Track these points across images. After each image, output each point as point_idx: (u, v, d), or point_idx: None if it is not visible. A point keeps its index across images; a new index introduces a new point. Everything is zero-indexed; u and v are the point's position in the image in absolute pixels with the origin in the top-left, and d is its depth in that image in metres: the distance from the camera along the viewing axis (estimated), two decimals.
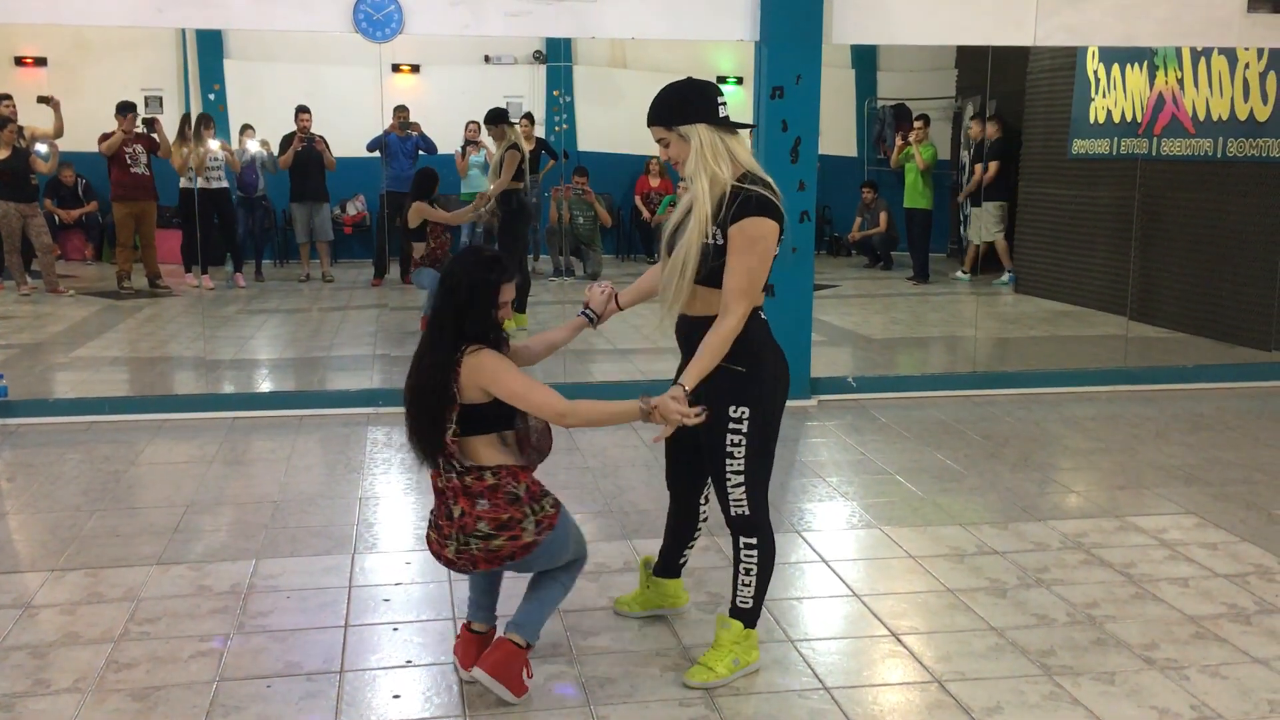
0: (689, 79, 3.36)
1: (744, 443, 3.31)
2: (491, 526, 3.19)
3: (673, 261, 3.29)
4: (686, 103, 3.27)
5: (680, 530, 3.79)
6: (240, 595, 4.06)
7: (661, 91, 3.33)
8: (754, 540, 3.42)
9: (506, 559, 3.23)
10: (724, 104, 3.28)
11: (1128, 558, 4.48)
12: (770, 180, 3.28)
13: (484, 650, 3.43)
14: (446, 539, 3.27)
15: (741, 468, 3.33)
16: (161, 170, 10.89)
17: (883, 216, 13.26)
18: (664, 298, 3.37)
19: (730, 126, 3.28)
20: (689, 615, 3.90)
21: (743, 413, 3.29)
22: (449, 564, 3.31)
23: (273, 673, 3.49)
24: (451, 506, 3.24)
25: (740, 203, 3.19)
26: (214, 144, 11.09)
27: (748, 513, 3.38)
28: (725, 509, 3.41)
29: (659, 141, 3.32)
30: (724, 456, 3.33)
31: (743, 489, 3.35)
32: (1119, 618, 3.92)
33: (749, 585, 3.45)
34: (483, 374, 3.17)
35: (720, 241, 3.21)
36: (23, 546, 4.59)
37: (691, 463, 3.60)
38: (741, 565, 3.45)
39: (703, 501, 3.72)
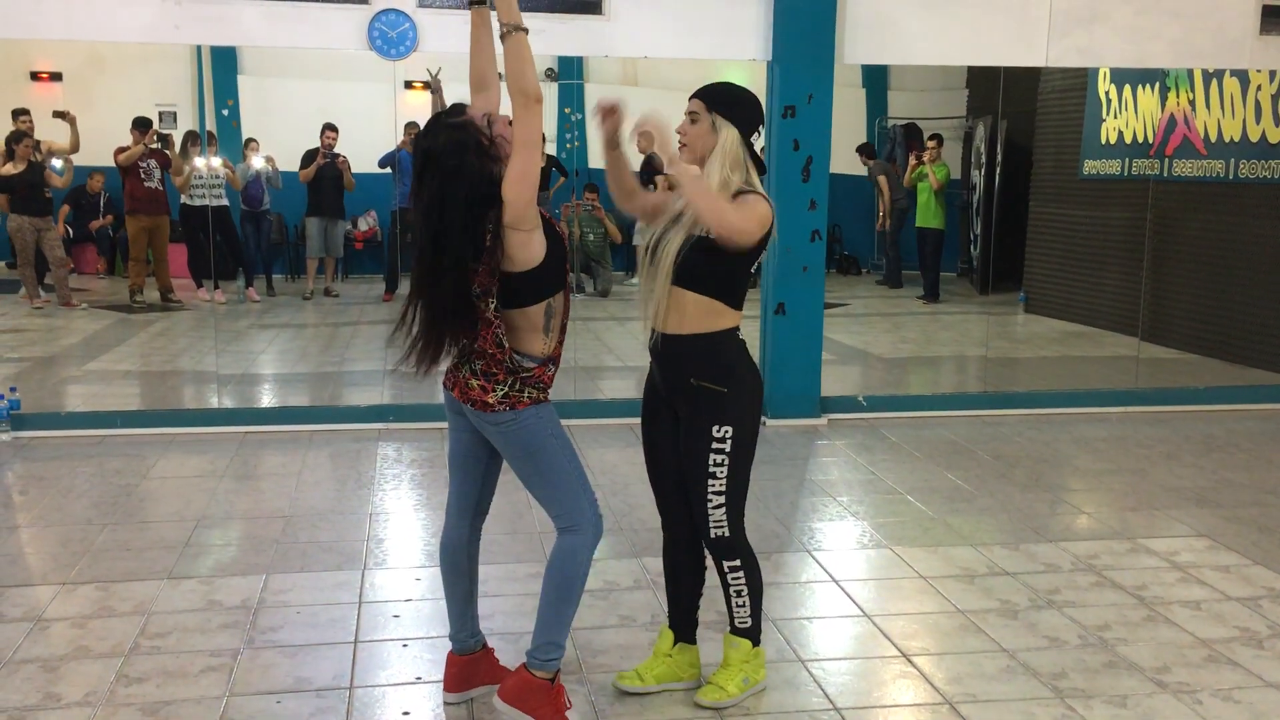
0: (754, 94, 3.36)
1: (726, 462, 3.28)
2: (482, 368, 3.13)
3: (657, 261, 3.25)
4: (739, 104, 3.29)
5: (678, 565, 3.54)
6: (250, 610, 4.07)
7: (724, 82, 3.34)
8: (737, 562, 3.38)
9: (469, 402, 3.15)
10: (758, 136, 3.32)
11: (1139, 580, 4.46)
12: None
13: (467, 673, 3.42)
14: (459, 354, 3.22)
15: (723, 488, 3.29)
16: (172, 185, 10.97)
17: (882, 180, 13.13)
18: (644, 303, 3.30)
19: (753, 152, 3.29)
20: (698, 634, 3.88)
21: (726, 432, 3.26)
22: (445, 375, 3.25)
23: (282, 688, 3.49)
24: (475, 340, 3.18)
25: (738, 192, 3.22)
26: (216, 161, 11.14)
27: (727, 534, 3.34)
28: (705, 531, 3.35)
29: (690, 114, 3.29)
30: (706, 477, 3.29)
31: (723, 510, 3.31)
32: (1131, 640, 3.90)
33: (743, 606, 3.43)
34: (512, 181, 2.98)
35: (710, 235, 3.17)
36: (34, 560, 4.60)
37: (679, 488, 3.44)
38: (731, 589, 3.41)
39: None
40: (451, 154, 3.01)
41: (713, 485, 3.30)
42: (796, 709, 3.42)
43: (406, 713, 3.37)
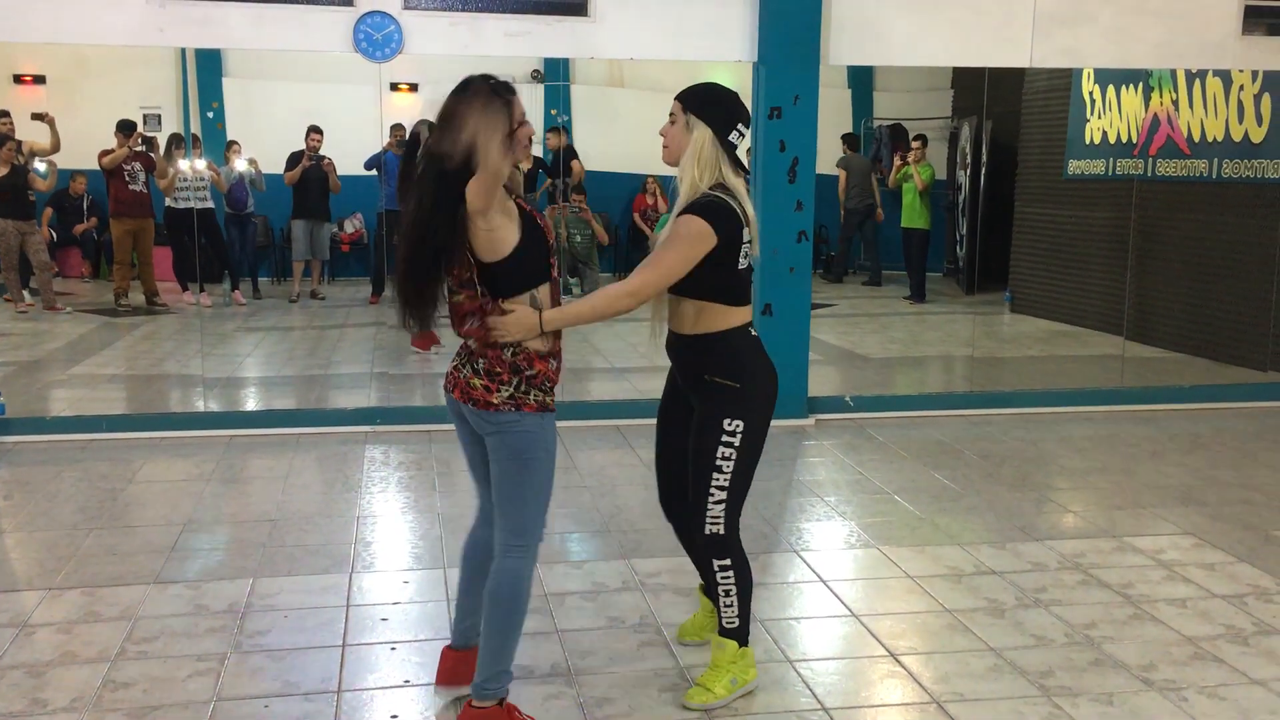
0: (735, 94, 3.37)
1: (734, 457, 3.30)
2: (485, 367, 3.12)
3: None
4: (713, 103, 3.31)
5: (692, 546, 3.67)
6: (238, 614, 4.06)
7: (706, 82, 3.38)
8: (727, 561, 3.39)
9: (470, 402, 3.13)
10: (741, 135, 3.32)
11: (1125, 578, 4.48)
12: (741, 198, 3.28)
13: (461, 669, 3.41)
14: (457, 356, 3.23)
15: (726, 483, 3.32)
16: (156, 188, 10.93)
17: (842, 177, 13.18)
18: (652, 303, 3.41)
19: (732, 152, 3.30)
20: (700, 636, 3.89)
21: (736, 426, 3.29)
22: (446, 379, 3.26)
23: (270, 692, 3.48)
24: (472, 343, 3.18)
25: (688, 204, 3.24)
26: (200, 164, 11.10)
27: (722, 532, 3.36)
28: (699, 527, 3.37)
29: (670, 115, 3.34)
30: (711, 470, 3.31)
31: (722, 506, 3.33)
32: (1117, 638, 3.92)
33: (731, 606, 3.43)
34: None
35: None
36: (20, 565, 4.58)
37: (683, 484, 3.53)
38: (720, 588, 3.42)
39: None
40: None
41: (717, 480, 3.32)
42: (784, 709, 3.42)
43: (395, 716, 3.37)
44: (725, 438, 3.29)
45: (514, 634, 3.19)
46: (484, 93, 2.99)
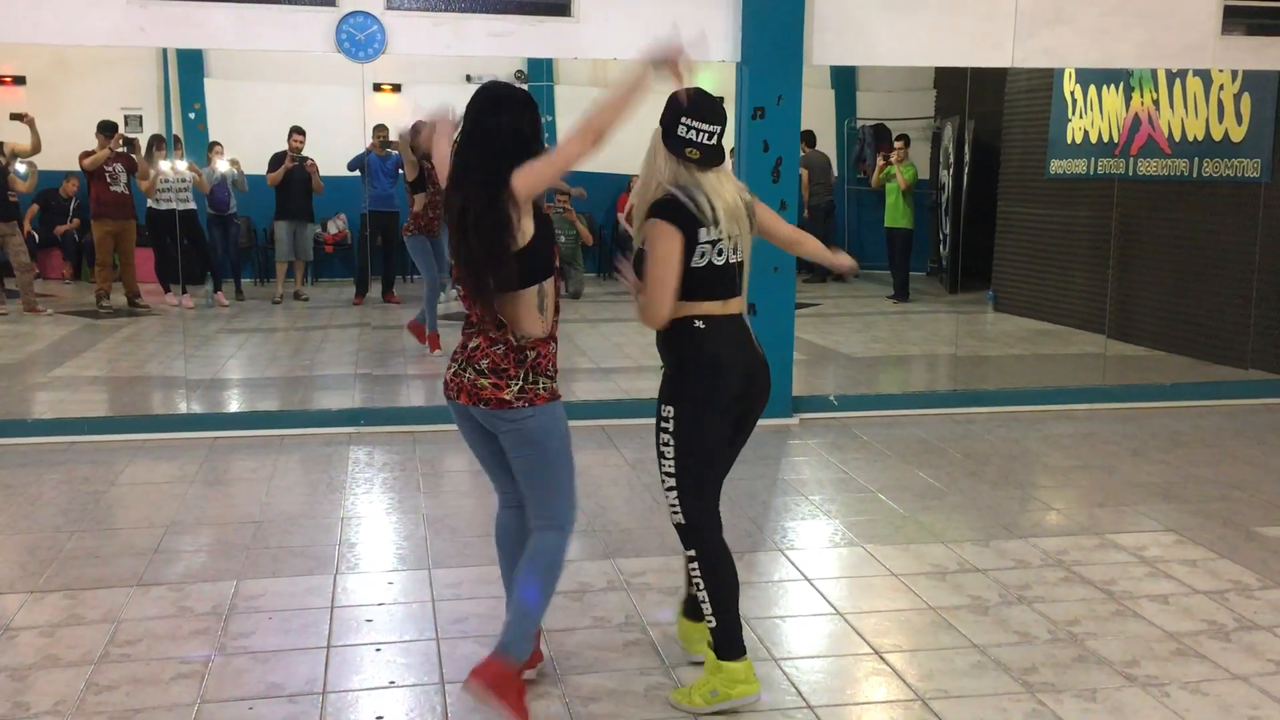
0: (687, 92, 3.33)
1: (671, 443, 3.34)
2: (489, 365, 3.18)
3: None
4: (666, 108, 3.35)
5: None
6: (221, 616, 4.04)
7: None
8: (692, 552, 3.39)
9: (481, 403, 3.18)
10: (691, 129, 3.28)
11: (1108, 575, 4.51)
12: (710, 194, 3.29)
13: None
14: (454, 361, 3.27)
15: (672, 469, 3.36)
16: (138, 189, 10.87)
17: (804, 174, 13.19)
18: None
19: (680, 150, 3.29)
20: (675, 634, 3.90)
21: (668, 411, 3.34)
22: (445, 386, 3.29)
23: (255, 694, 3.47)
24: (471, 340, 3.23)
25: (649, 209, 3.32)
26: (182, 165, 11.05)
27: (682, 520, 3.38)
28: (670, 515, 3.44)
29: None
30: (659, 456, 3.39)
31: (675, 493, 3.37)
32: (1100, 635, 3.94)
33: (705, 602, 3.39)
34: (523, 173, 3.08)
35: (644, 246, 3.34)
36: (1, 568, 4.55)
37: None
38: (691, 579, 3.44)
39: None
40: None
41: (663, 465, 3.38)
42: (770, 707, 3.43)
43: (380, 717, 3.36)
44: (661, 423, 3.36)
45: (547, 600, 3.31)
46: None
